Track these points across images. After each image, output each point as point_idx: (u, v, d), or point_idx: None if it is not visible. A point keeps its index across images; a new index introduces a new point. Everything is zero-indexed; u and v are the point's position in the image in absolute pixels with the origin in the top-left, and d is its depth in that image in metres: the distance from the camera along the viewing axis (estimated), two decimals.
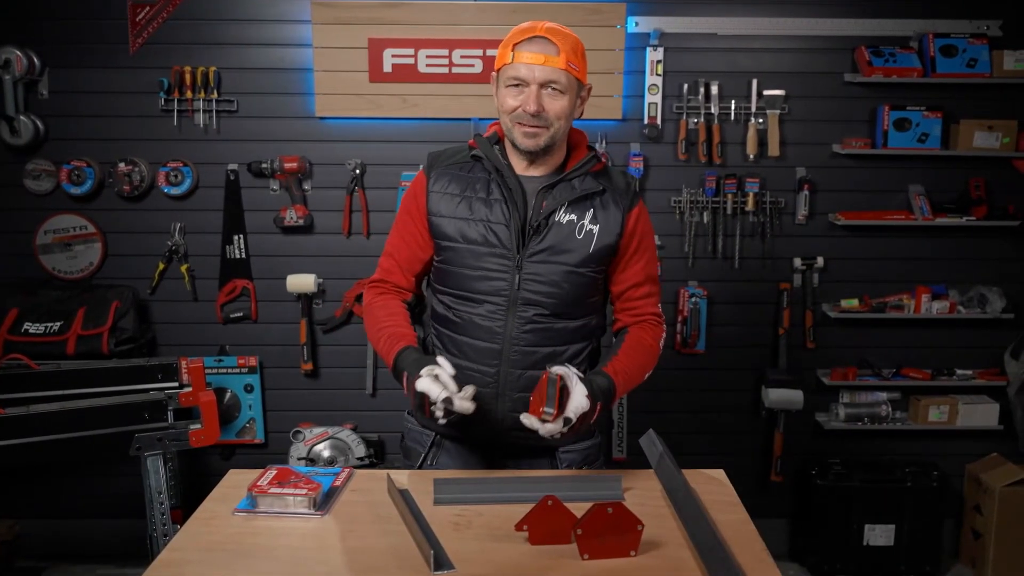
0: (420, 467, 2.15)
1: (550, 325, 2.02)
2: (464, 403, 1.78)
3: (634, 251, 2.09)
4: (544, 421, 1.78)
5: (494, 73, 2.03)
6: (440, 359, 1.86)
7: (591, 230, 2.01)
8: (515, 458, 2.11)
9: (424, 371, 1.82)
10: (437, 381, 1.80)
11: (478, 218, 2.00)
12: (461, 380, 1.84)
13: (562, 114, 1.96)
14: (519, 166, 2.05)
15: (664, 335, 2.16)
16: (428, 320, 2.17)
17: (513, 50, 1.95)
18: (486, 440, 2.11)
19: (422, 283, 2.19)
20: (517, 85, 1.95)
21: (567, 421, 1.79)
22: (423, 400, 1.81)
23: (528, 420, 1.80)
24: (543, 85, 1.93)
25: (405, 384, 1.89)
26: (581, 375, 1.88)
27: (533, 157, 2.03)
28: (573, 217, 2.01)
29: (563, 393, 1.81)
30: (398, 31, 3.54)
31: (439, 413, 1.79)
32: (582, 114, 2.08)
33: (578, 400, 1.81)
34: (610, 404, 1.94)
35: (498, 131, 2.09)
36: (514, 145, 2.02)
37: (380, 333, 2.03)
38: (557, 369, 1.84)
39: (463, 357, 2.03)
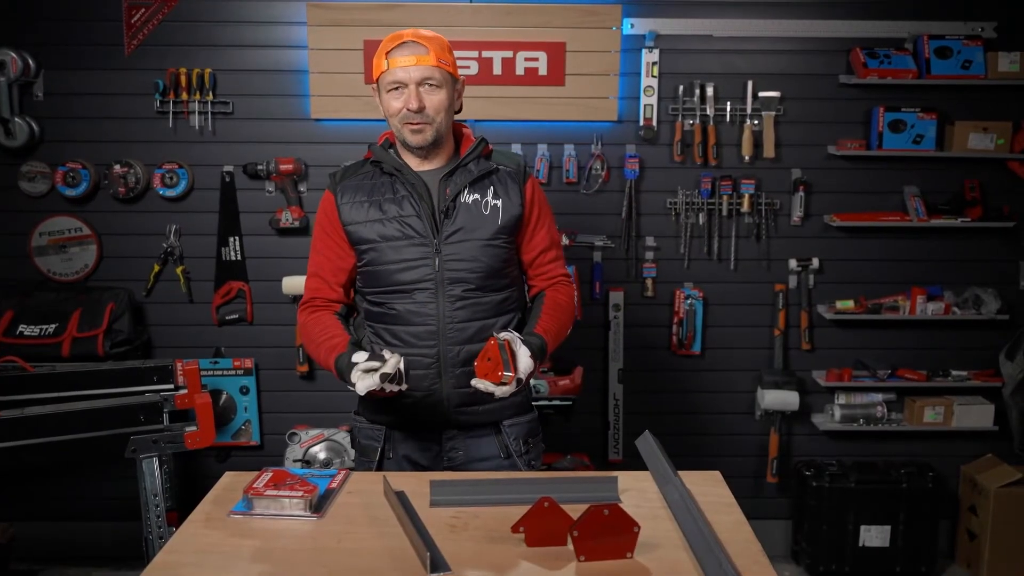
0: (379, 461, 2.26)
1: (478, 299, 2.18)
2: (392, 364, 1.94)
3: (536, 219, 2.28)
4: (503, 383, 1.95)
5: (374, 84, 2.20)
6: (354, 357, 2.01)
7: (496, 205, 2.19)
8: (464, 436, 2.25)
9: (354, 377, 1.98)
10: (366, 374, 1.95)
11: (391, 216, 2.17)
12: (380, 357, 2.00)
13: (441, 107, 2.13)
14: (414, 163, 2.22)
15: (576, 292, 2.36)
16: (362, 322, 2.30)
17: (387, 58, 2.11)
18: (434, 422, 2.23)
19: (350, 291, 2.33)
20: (397, 88, 2.12)
21: (519, 381, 1.97)
22: (376, 393, 1.97)
23: (483, 384, 1.97)
24: (420, 83, 2.10)
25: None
26: (522, 337, 2.07)
27: (425, 152, 2.20)
28: (476, 196, 2.19)
29: (514, 357, 1.98)
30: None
31: (392, 387, 1.95)
32: (461, 107, 2.25)
33: (524, 361, 2.00)
34: (543, 362, 2.14)
35: (390, 138, 2.27)
36: (405, 145, 2.19)
37: (318, 350, 2.18)
38: (503, 335, 2.02)
39: (403, 345, 2.18)
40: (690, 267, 3.77)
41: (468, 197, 2.18)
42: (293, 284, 3.67)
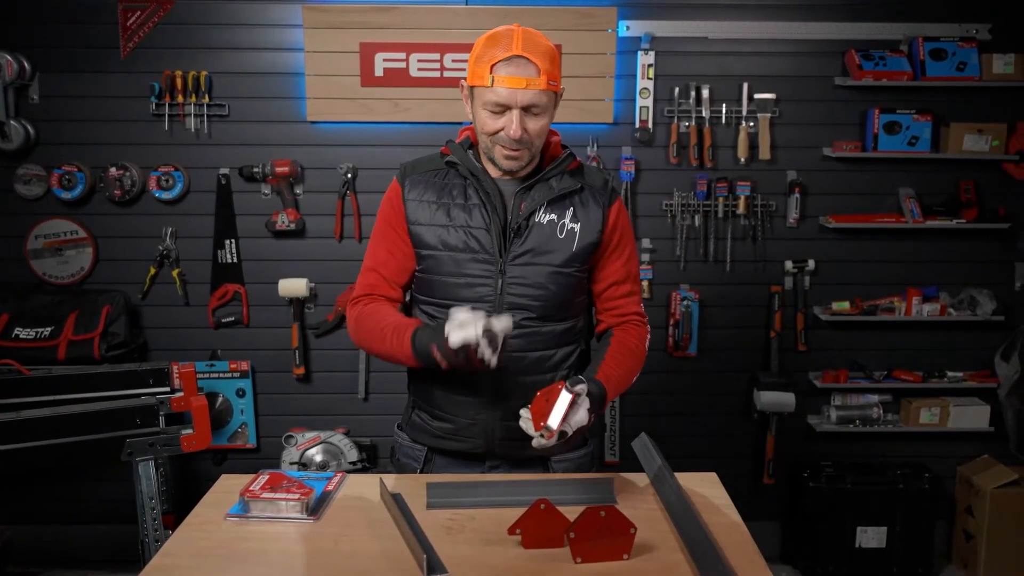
0: None
1: (538, 328, 2.00)
2: (503, 322, 1.74)
3: (614, 247, 2.06)
4: (541, 435, 1.74)
5: (464, 83, 1.97)
6: (453, 310, 1.79)
7: (572, 229, 1.99)
8: (507, 467, 2.09)
9: (448, 327, 1.76)
10: (464, 326, 1.74)
11: (458, 224, 1.98)
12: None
13: (543, 132, 1.94)
14: (493, 170, 2.01)
15: (648, 335, 2.13)
16: None
17: (491, 72, 1.87)
18: (477, 452, 2.08)
19: (407, 295, 2.14)
20: (498, 110, 1.89)
21: (563, 435, 1.76)
22: (468, 353, 1.75)
23: (525, 425, 1.78)
24: (525, 109, 1.88)
25: (438, 355, 1.80)
26: (589, 388, 1.84)
27: None
28: (553, 217, 1.99)
29: (570, 409, 1.76)
30: (390, 35, 3.54)
31: (486, 350, 1.73)
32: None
33: (580, 415, 1.78)
34: (601, 408, 1.90)
35: (470, 135, 2.06)
36: (492, 161, 1.99)
37: (383, 333, 1.95)
38: (578, 388, 1.77)
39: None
40: (686, 269, 3.78)
41: (544, 216, 1.98)
42: (289, 287, 3.68)
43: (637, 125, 3.65)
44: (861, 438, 3.90)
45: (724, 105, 3.66)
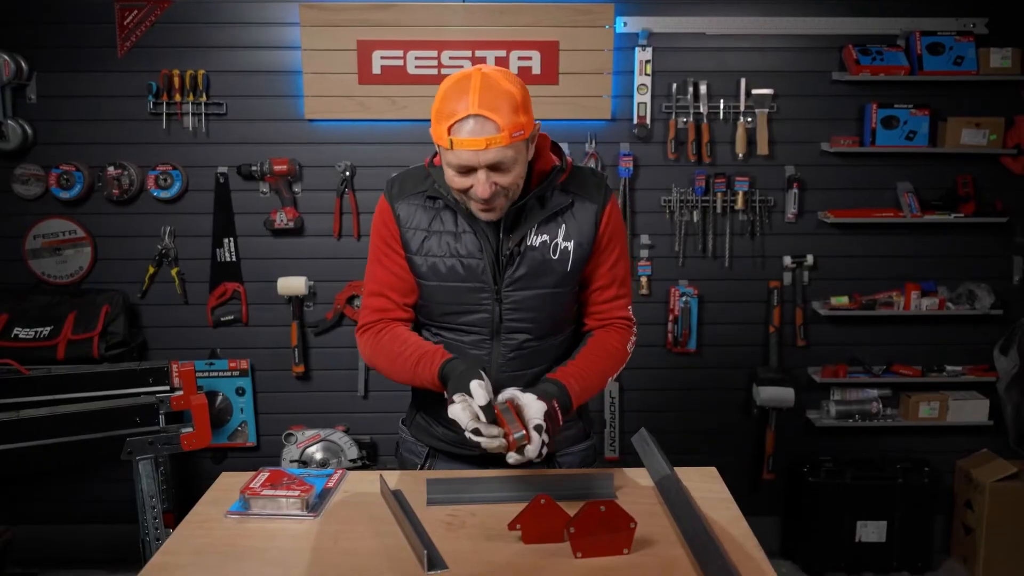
0: None
1: (536, 347, 1.98)
2: (491, 444, 1.67)
3: (601, 251, 1.97)
4: (522, 446, 1.67)
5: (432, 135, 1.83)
6: (474, 384, 1.72)
7: (566, 248, 1.93)
8: (512, 468, 2.04)
9: (456, 397, 1.72)
10: (468, 410, 1.69)
11: (450, 253, 1.92)
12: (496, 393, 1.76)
13: (517, 179, 1.81)
14: None
15: (634, 338, 2.05)
16: None
17: (450, 135, 1.74)
18: (482, 457, 2.02)
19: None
20: (463, 171, 1.78)
21: (539, 429, 1.70)
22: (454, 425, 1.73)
23: (513, 458, 1.69)
24: (491, 167, 1.76)
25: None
26: (520, 388, 1.83)
27: None
28: (545, 238, 1.92)
29: (519, 412, 1.74)
30: (387, 33, 3.54)
31: (472, 436, 1.69)
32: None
33: (533, 407, 1.73)
34: (569, 407, 1.84)
35: None
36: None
37: (406, 362, 1.91)
38: (503, 396, 1.77)
39: None
40: (685, 265, 3.78)
41: (535, 239, 1.91)
42: (288, 285, 3.68)
43: (635, 121, 3.65)
44: (860, 433, 3.90)
45: (722, 101, 3.66)
